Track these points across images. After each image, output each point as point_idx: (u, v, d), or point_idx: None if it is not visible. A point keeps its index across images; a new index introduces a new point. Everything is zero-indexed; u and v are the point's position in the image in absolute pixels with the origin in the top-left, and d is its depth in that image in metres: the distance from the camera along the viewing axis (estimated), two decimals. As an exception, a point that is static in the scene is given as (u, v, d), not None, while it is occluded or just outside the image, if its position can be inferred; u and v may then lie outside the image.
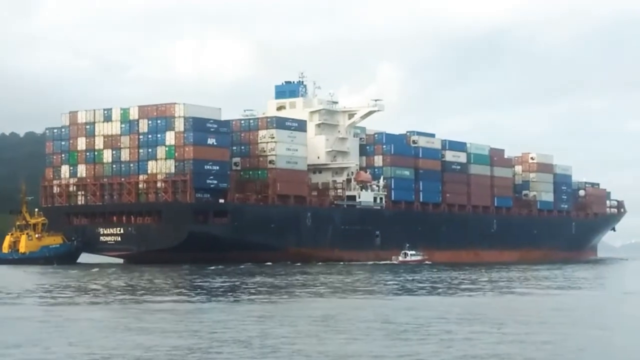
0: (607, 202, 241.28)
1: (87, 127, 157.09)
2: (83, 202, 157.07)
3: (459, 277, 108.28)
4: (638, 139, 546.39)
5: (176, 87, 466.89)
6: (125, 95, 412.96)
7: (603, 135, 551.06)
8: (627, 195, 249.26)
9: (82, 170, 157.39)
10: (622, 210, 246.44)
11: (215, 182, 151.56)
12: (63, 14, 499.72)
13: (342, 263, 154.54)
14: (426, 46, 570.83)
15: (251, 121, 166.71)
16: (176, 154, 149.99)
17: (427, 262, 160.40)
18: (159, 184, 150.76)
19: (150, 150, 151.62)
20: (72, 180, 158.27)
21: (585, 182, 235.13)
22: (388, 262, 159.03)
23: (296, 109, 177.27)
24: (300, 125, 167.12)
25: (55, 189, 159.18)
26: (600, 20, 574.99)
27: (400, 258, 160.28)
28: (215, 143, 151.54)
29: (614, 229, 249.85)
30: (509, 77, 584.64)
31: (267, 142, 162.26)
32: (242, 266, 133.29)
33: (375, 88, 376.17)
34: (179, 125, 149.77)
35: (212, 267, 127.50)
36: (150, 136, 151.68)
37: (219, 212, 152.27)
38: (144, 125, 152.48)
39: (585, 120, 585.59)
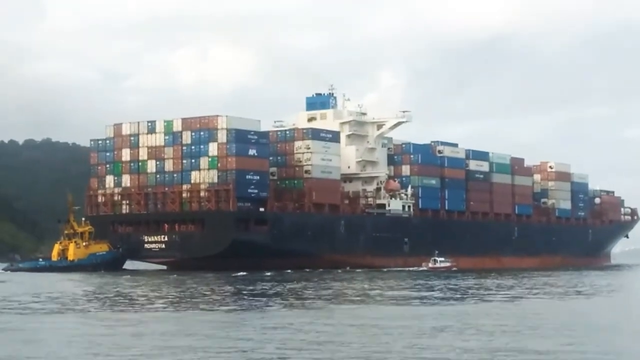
0: (622, 209, 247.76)
1: (132, 138, 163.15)
2: (127, 211, 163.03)
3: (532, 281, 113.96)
4: (633, 146, 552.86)
5: (177, 95, 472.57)
6: (127, 103, 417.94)
7: (601, 142, 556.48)
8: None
9: (126, 180, 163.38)
10: (635, 217, 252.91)
11: (256, 191, 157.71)
12: (65, 23, 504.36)
13: (383, 269, 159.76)
14: (427, 54, 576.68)
15: (287, 132, 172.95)
16: (219, 165, 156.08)
17: (454, 268, 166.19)
18: (202, 193, 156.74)
19: (193, 160, 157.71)
20: (116, 190, 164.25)
21: (601, 190, 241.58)
22: (418, 268, 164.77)
23: (327, 120, 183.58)
24: (334, 136, 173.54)
25: (100, 199, 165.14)
26: (601, 28, 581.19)
27: (430, 264, 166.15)
28: (255, 154, 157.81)
29: (627, 236, 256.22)
30: (509, 84, 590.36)
31: (303, 153, 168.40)
32: (307, 270, 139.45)
33: (375, 95, 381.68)
34: (222, 136, 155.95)
35: (268, 274, 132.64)
36: (193, 147, 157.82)
37: (260, 220, 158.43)
38: (187, 137, 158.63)
39: (583, 128, 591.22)
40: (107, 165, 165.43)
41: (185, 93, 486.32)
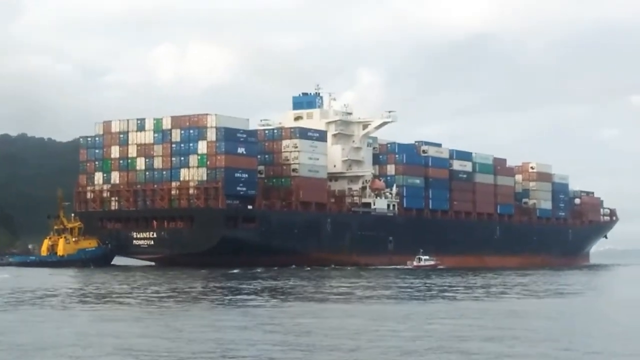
0: (601, 210, 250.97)
1: (121, 136, 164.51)
2: (116, 208, 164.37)
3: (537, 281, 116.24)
4: (611, 147, 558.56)
5: (155, 92, 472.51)
6: (105, 99, 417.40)
7: (578, 142, 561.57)
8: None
9: (115, 177, 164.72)
10: (614, 218, 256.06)
11: (244, 189, 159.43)
12: (43, 19, 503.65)
13: (369, 267, 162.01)
14: (406, 53, 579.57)
15: (275, 131, 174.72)
16: (208, 162, 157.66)
17: (440, 266, 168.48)
18: (191, 191, 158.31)
19: (182, 158, 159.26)
20: (105, 187, 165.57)
21: (581, 191, 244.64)
22: (404, 266, 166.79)
23: (313, 120, 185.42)
24: (321, 136, 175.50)
25: (89, 195, 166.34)
26: (583, 28, 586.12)
27: (415, 263, 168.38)
28: (244, 152, 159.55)
29: (606, 237, 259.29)
30: (488, 83, 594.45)
31: (291, 152, 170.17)
32: (310, 268, 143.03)
33: (353, 94, 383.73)
34: (211, 135, 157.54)
35: (259, 270, 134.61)
36: (182, 145, 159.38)
37: (248, 218, 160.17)
38: (176, 135, 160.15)
39: (561, 128, 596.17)
40: (96, 162, 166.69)
41: (163, 90, 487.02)
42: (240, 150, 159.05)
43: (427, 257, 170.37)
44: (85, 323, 54.80)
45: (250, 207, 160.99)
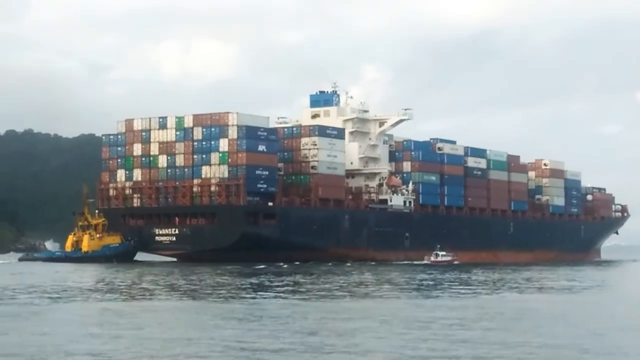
0: (613, 206, 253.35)
1: (143, 134, 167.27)
2: (138, 204, 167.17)
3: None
4: (613, 142, 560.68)
5: (160, 87, 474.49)
6: (111, 96, 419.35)
7: (581, 137, 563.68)
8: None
9: (137, 174, 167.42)
10: (625, 214, 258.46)
11: (265, 186, 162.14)
12: (49, 15, 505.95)
13: (391, 262, 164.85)
14: (410, 48, 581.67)
15: (294, 129, 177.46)
16: (229, 160, 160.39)
17: (456, 262, 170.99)
18: (212, 188, 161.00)
19: (204, 156, 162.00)
20: (127, 184, 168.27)
21: (593, 187, 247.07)
22: (421, 262, 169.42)
23: (330, 117, 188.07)
24: (339, 133, 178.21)
25: (112, 192, 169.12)
26: (587, 23, 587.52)
27: (432, 258, 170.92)
28: (265, 150, 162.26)
29: (617, 232, 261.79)
30: (492, 79, 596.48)
31: (310, 149, 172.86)
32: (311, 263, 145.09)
33: (358, 90, 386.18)
34: (233, 133, 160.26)
35: (285, 265, 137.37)
36: (204, 143, 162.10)
37: (268, 214, 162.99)
38: (198, 133, 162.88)
39: (566, 123, 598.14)
40: (119, 160, 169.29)
41: (169, 85, 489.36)
42: (261, 147, 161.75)
43: (444, 253, 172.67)
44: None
45: (270, 203, 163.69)
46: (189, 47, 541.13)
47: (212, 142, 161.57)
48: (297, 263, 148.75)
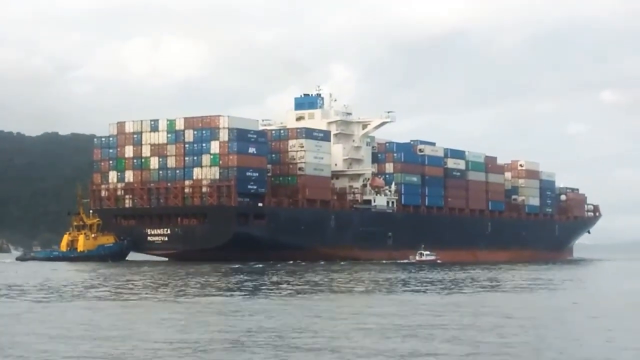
0: (585, 206, 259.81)
1: (135, 136, 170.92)
2: (130, 205, 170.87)
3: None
4: (580, 141, 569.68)
5: (128, 86, 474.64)
6: (78, 94, 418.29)
7: (547, 137, 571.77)
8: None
9: (129, 175, 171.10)
10: (597, 214, 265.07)
11: (255, 187, 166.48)
12: (16, 13, 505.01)
13: (373, 261, 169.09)
14: (379, 48, 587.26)
15: (282, 131, 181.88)
16: (220, 162, 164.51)
17: (439, 261, 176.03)
18: (204, 189, 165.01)
19: (195, 158, 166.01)
20: (119, 185, 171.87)
21: (566, 188, 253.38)
22: (405, 261, 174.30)
23: (314, 120, 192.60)
24: (325, 135, 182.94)
25: (104, 193, 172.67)
26: (554, 24, 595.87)
27: (417, 257, 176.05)
28: (255, 152, 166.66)
29: (589, 232, 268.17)
30: (460, 79, 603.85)
31: (297, 151, 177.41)
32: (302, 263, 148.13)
33: (326, 89, 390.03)
34: (224, 135, 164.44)
35: (278, 264, 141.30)
36: (195, 145, 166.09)
37: (258, 214, 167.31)
38: (189, 135, 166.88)
39: (533, 122, 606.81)
40: (110, 162, 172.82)
41: (136, 84, 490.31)
42: (251, 150, 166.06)
43: (428, 253, 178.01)
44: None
45: (260, 204, 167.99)
46: (158, 45, 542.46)
47: (204, 145, 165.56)
48: (291, 262, 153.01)
